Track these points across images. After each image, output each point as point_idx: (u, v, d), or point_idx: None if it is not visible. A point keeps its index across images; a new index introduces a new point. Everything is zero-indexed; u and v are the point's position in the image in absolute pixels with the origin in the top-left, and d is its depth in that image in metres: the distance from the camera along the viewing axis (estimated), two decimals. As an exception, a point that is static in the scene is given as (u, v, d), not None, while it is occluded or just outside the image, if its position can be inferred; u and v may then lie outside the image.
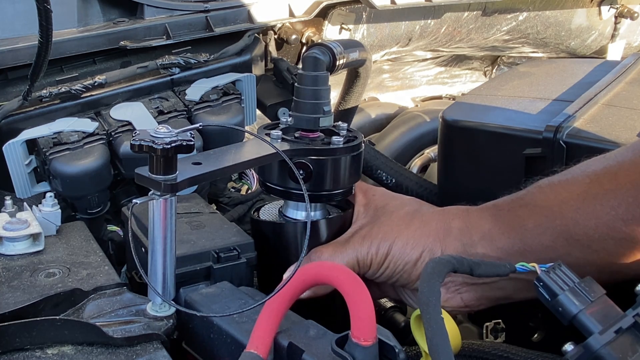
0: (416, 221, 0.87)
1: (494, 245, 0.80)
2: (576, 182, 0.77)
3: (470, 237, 0.83)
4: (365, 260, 0.86)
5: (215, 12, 1.36)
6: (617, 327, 0.60)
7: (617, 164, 0.74)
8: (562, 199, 0.76)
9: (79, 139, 1.11)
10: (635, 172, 0.72)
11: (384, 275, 0.87)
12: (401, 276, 0.86)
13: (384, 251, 0.85)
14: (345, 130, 0.96)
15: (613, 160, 0.76)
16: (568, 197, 0.76)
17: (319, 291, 0.84)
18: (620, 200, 0.71)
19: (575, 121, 0.97)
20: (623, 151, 0.76)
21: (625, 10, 2.18)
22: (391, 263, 0.86)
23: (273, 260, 0.93)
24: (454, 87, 2.24)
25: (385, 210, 0.92)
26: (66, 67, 1.25)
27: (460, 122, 1.06)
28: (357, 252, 0.86)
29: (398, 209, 0.91)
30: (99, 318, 0.78)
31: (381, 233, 0.87)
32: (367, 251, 0.86)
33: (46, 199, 0.95)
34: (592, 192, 0.74)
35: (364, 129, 1.81)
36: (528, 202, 0.81)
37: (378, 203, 0.94)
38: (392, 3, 1.57)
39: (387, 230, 0.87)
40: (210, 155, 0.85)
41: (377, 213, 0.92)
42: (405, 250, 0.85)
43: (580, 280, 0.65)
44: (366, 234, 0.88)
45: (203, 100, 1.23)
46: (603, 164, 0.76)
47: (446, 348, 0.60)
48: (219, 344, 0.78)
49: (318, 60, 0.94)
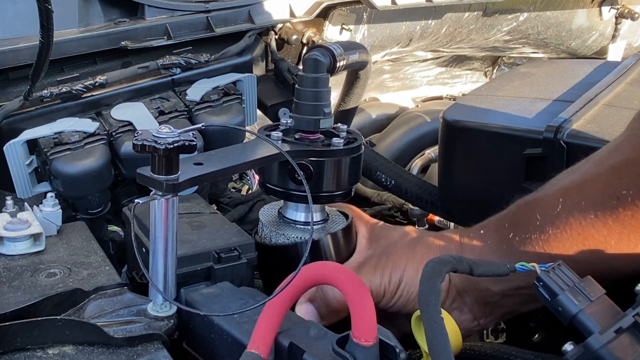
0: (420, 247, 0.89)
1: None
2: (549, 199, 0.79)
3: (464, 254, 0.84)
4: (378, 289, 0.86)
5: (216, 12, 1.36)
6: (617, 326, 0.60)
7: (581, 176, 0.77)
8: (537, 216, 0.79)
9: (79, 139, 1.11)
10: (599, 183, 0.74)
11: (398, 304, 0.88)
12: (416, 303, 0.87)
13: (397, 279, 0.86)
14: (345, 131, 0.96)
15: (578, 174, 0.78)
16: (543, 214, 0.78)
17: (332, 319, 0.85)
18: (587, 212, 0.73)
19: (575, 122, 0.97)
20: (587, 164, 0.79)
21: (625, 11, 2.18)
22: (404, 291, 0.86)
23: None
24: (454, 87, 2.25)
25: (388, 240, 0.94)
26: (67, 67, 1.25)
27: (461, 123, 1.06)
28: (370, 282, 0.87)
29: (402, 238, 0.93)
30: (100, 318, 0.78)
31: (391, 262, 0.88)
32: (379, 281, 0.87)
33: (47, 199, 0.95)
34: (565, 207, 0.76)
35: (365, 129, 1.81)
36: (510, 221, 0.82)
37: (380, 235, 0.96)
38: (393, 3, 1.57)
39: (397, 259, 0.88)
40: (212, 156, 0.85)
41: (381, 244, 0.94)
42: (417, 276, 0.85)
43: (580, 280, 0.65)
44: (376, 264, 0.89)
45: (204, 100, 1.23)
46: (570, 177, 0.79)
47: (446, 348, 0.60)
48: (219, 344, 0.78)
49: (318, 62, 0.94)
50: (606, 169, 0.74)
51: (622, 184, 0.71)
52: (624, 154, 0.73)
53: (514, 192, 0.98)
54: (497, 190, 1.02)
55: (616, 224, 0.72)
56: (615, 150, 0.76)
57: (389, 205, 1.48)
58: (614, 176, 0.73)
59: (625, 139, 0.77)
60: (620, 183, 0.71)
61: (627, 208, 0.70)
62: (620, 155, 0.74)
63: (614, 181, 0.72)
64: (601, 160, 0.77)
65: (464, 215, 1.14)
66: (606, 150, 0.78)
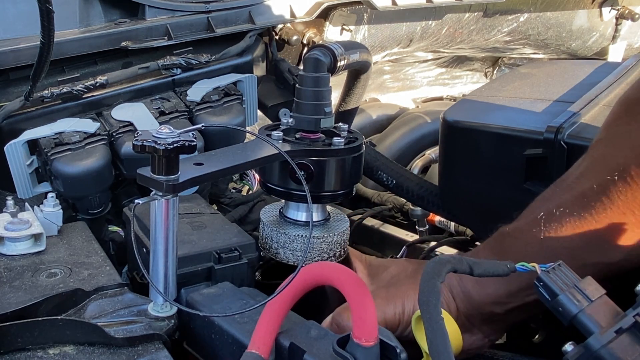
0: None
1: (483, 290, 0.83)
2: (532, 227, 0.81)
3: (466, 284, 0.84)
4: (393, 320, 0.86)
5: (217, 12, 1.37)
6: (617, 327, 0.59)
7: (556, 206, 0.79)
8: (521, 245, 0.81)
9: (80, 139, 1.11)
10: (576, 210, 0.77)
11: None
12: None
13: (410, 308, 0.86)
14: (346, 131, 0.96)
15: (553, 204, 0.80)
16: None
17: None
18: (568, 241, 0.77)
19: (576, 122, 0.97)
20: (563, 194, 0.80)
21: (626, 12, 2.18)
22: None
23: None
24: (454, 88, 2.25)
25: (390, 274, 0.94)
26: (68, 68, 1.25)
27: (461, 123, 1.06)
28: (384, 313, 0.86)
29: (404, 270, 0.93)
30: (101, 318, 0.78)
31: (400, 292, 0.88)
32: (393, 311, 0.87)
33: (47, 200, 0.96)
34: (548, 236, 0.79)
35: (365, 129, 1.81)
36: (498, 250, 0.83)
37: (379, 269, 0.96)
38: (393, 4, 1.57)
39: (406, 289, 0.88)
40: (212, 156, 0.85)
41: (384, 278, 0.94)
42: None
43: (580, 280, 0.65)
44: (386, 295, 0.89)
45: (204, 100, 1.23)
46: (546, 205, 0.81)
47: (446, 348, 0.60)
48: (220, 344, 0.78)
49: (319, 62, 0.94)
50: (575, 196, 0.77)
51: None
52: (590, 181, 0.77)
53: (514, 192, 0.98)
54: (498, 191, 1.02)
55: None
56: (581, 177, 0.79)
57: (389, 206, 1.48)
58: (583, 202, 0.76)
59: (590, 165, 0.80)
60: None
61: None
62: (587, 182, 0.77)
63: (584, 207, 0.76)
64: (570, 186, 0.80)
65: (464, 216, 1.14)
66: (573, 177, 0.81)
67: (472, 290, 0.83)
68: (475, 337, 0.87)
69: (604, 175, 0.75)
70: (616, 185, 0.74)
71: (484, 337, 0.87)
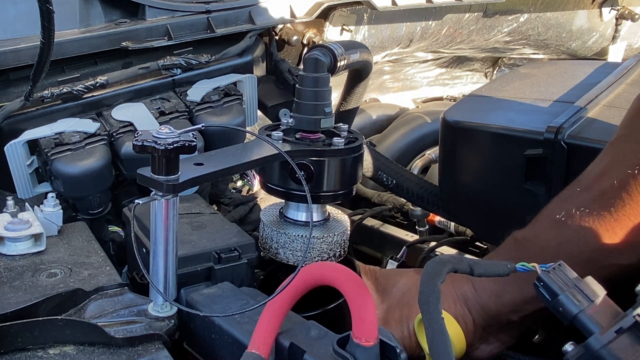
0: None
1: (500, 300, 0.83)
2: (543, 233, 0.82)
3: (482, 296, 0.84)
4: (409, 343, 0.87)
5: (217, 13, 1.37)
6: (617, 327, 0.59)
7: (576, 206, 0.79)
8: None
9: (80, 139, 1.11)
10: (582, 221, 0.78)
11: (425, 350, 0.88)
12: None
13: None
14: (346, 131, 0.96)
15: (573, 205, 0.80)
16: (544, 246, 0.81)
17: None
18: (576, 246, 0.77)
19: (576, 122, 0.97)
20: (582, 194, 0.80)
21: (626, 12, 2.18)
22: None
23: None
24: (454, 88, 2.25)
25: (400, 289, 0.93)
26: (68, 68, 1.25)
27: (461, 123, 1.06)
28: (400, 337, 0.87)
29: (414, 285, 0.92)
30: (101, 318, 0.78)
31: (413, 313, 0.88)
32: (408, 332, 0.87)
33: (48, 200, 0.96)
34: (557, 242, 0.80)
35: (365, 130, 1.81)
36: (513, 258, 0.83)
37: (388, 284, 0.95)
38: (393, 4, 1.57)
39: (416, 310, 0.87)
40: (212, 156, 0.85)
41: (394, 294, 0.93)
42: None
43: (580, 280, 0.65)
44: (399, 317, 0.89)
45: (204, 101, 1.23)
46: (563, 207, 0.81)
47: (446, 348, 0.59)
48: (220, 344, 0.78)
49: (319, 62, 0.94)
50: (595, 195, 0.77)
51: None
52: (611, 178, 0.77)
53: (514, 192, 0.98)
54: (498, 191, 1.02)
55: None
56: (602, 175, 0.79)
57: (389, 206, 1.48)
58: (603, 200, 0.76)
59: (610, 163, 0.80)
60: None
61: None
62: (607, 180, 0.77)
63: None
64: (590, 185, 0.80)
65: (464, 216, 1.14)
66: (593, 176, 0.81)
67: (489, 301, 0.83)
68: (493, 345, 0.87)
69: (625, 170, 0.75)
70: (636, 179, 0.73)
71: (500, 345, 0.87)
